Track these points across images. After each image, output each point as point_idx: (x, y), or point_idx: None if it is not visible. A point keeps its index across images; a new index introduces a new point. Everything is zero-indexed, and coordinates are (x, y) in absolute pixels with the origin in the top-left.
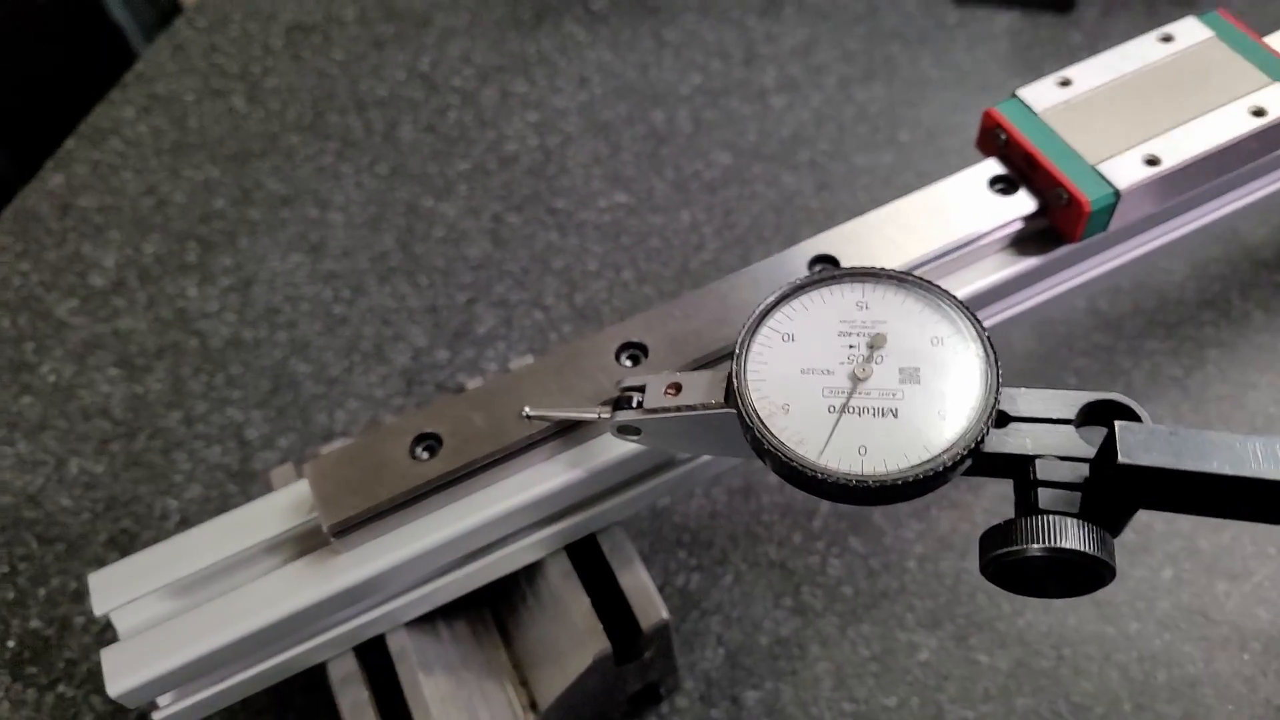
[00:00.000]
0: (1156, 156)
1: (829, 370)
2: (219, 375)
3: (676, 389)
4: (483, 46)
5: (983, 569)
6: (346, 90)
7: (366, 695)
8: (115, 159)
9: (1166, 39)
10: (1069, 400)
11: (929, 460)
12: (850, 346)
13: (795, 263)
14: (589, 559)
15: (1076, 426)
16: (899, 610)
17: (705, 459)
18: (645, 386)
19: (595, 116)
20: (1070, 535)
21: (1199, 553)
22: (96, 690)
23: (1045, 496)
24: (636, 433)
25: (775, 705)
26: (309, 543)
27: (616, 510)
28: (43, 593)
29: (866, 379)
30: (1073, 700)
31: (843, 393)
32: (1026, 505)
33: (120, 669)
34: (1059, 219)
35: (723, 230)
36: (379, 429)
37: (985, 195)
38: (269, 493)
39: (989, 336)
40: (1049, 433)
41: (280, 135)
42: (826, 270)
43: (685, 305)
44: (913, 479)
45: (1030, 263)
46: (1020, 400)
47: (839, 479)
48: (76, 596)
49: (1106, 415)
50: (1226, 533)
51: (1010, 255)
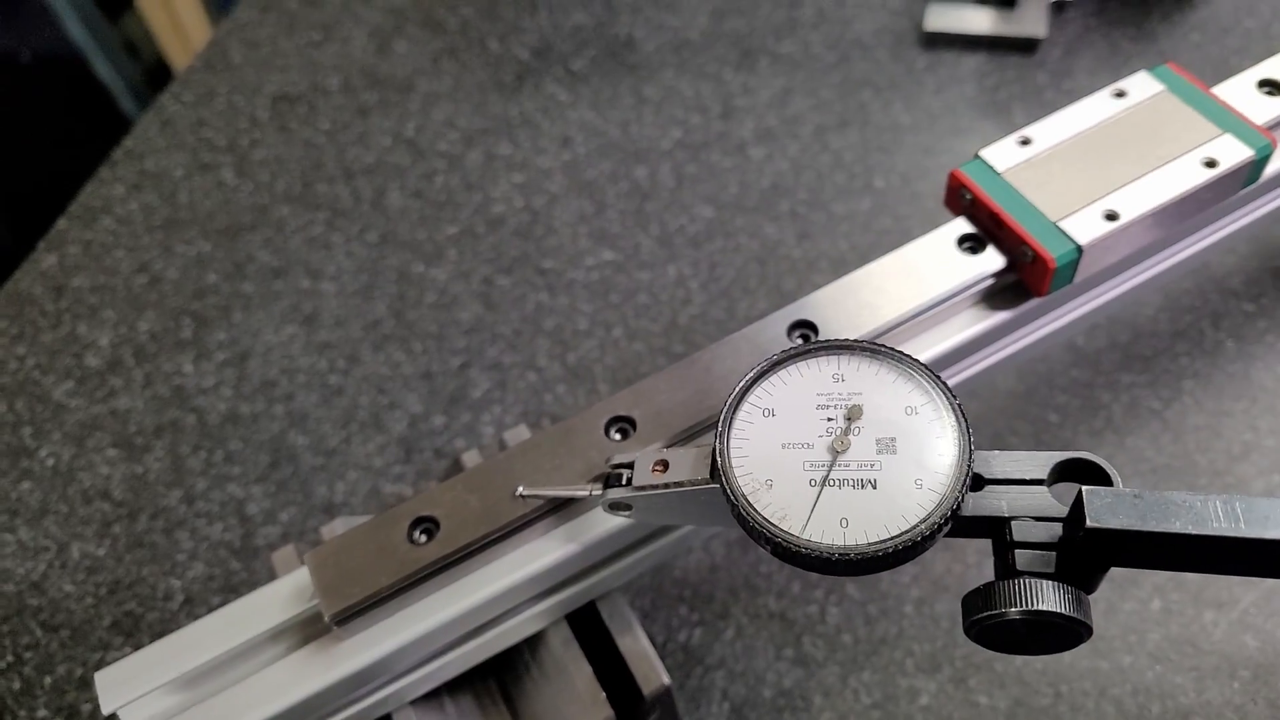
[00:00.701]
0: (1115, 211)
1: (809, 444)
2: (218, 451)
3: (664, 466)
4: (466, 110)
5: (966, 630)
6: (334, 159)
7: None
8: (107, 238)
9: (1120, 94)
10: (1040, 461)
11: (908, 530)
12: (829, 419)
13: (775, 329)
14: (590, 625)
15: (1049, 485)
16: (898, 656)
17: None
18: (634, 464)
19: (579, 175)
20: (1047, 598)
21: (1185, 583)
22: None
23: (1022, 558)
24: (627, 509)
25: None
26: (311, 630)
27: (614, 578)
28: (49, 681)
29: (845, 451)
30: None
31: (823, 466)
32: (1005, 567)
33: None
34: (1026, 275)
35: (708, 284)
36: (377, 517)
37: (954, 254)
38: (272, 579)
39: (960, 404)
40: (1023, 494)
41: (270, 207)
42: (801, 345)
43: (670, 378)
44: (893, 550)
45: (1001, 317)
46: (994, 462)
47: (822, 553)
48: (83, 684)
49: (1077, 473)
50: None
51: (982, 310)
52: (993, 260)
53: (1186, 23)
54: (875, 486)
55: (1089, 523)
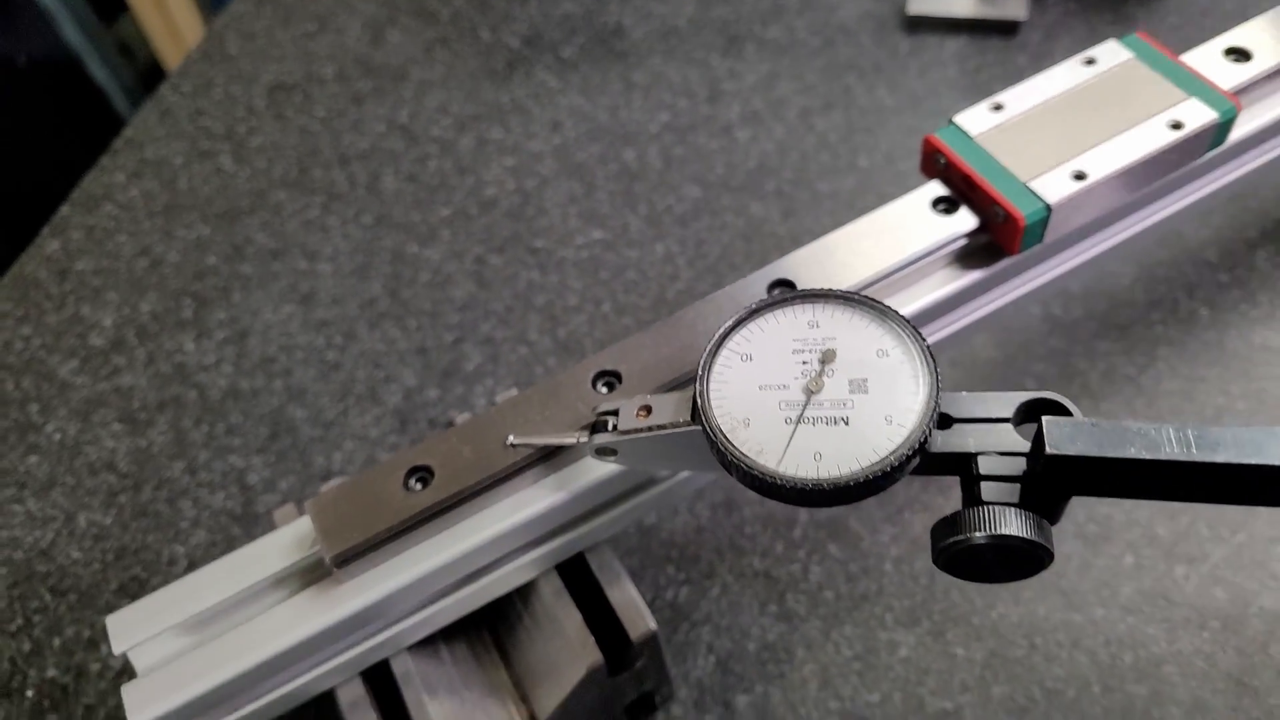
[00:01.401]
0: (1083, 172)
1: (785, 385)
2: (219, 425)
3: (647, 411)
4: (459, 97)
5: (934, 558)
6: (329, 145)
7: (375, 718)
8: (109, 223)
9: (1090, 61)
10: (1006, 400)
11: (879, 462)
12: (804, 363)
13: (756, 288)
14: (580, 577)
15: (1015, 425)
16: (878, 611)
17: (683, 477)
18: (619, 410)
19: (569, 158)
20: (1010, 523)
21: (1158, 539)
22: None
23: (988, 489)
24: (613, 453)
25: (765, 708)
26: (313, 575)
27: (603, 528)
28: (58, 642)
29: (819, 392)
30: (1046, 686)
31: (798, 405)
32: (971, 497)
33: (141, 704)
34: (998, 234)
35: (695, 260)
36: (374, 467)
37: (929, 215)
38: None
39: (929, 346)
40: (989, 431)
41: (268, 192)
42: (779, 294)
43: (655, 334)
44: (864, 480)
45: (975, 275)
46: (962, 403)
47: (797, 484)
48: (91, 645)
49: (1041, 412)
50: (1183, 519)
51: (956, 270)
52: (966, 220)
53: (1164, 6)
54: (848, 424)
55: (1048, 450)
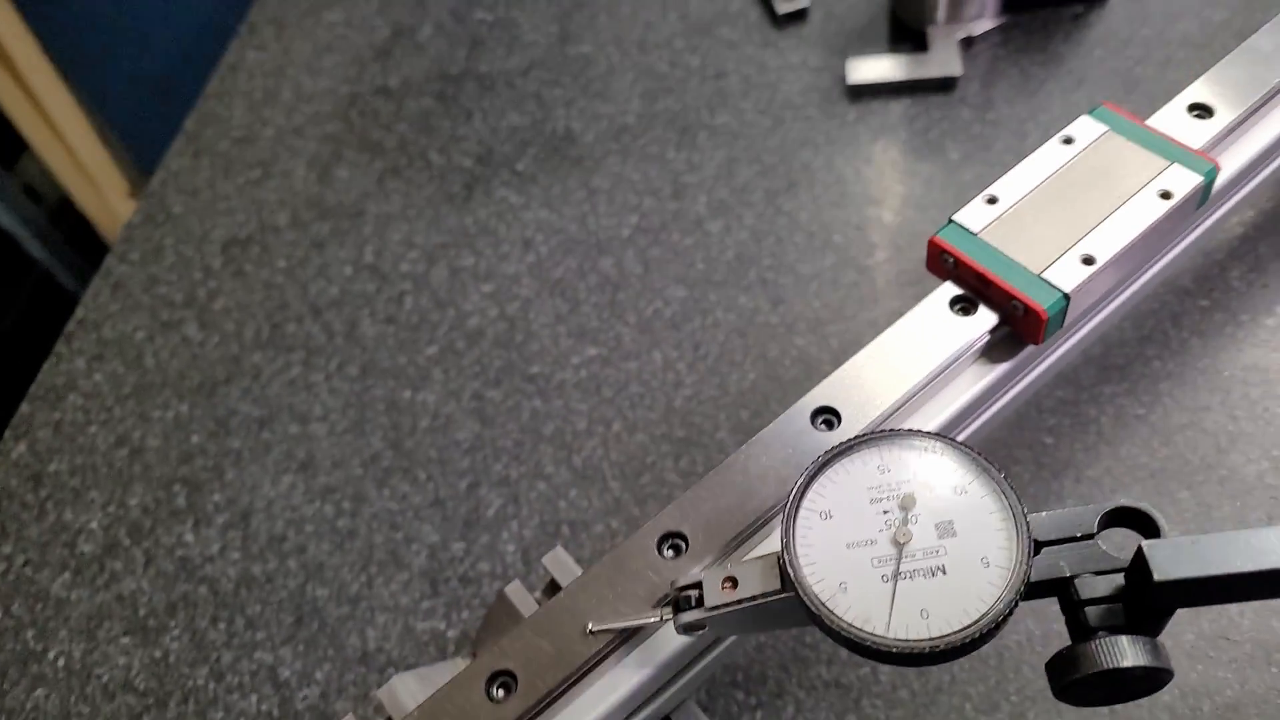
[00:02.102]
0: (1091, 255)
1: (872, 540)
2: (237, 619)
3: (733, 583)
4: (421, 227)
5: (1056, 695)
6: (297, 297)
7: None
8: (78, 415)
9: (1068, 140)
10: (1087, 515)
11: (989, 610)
12: (884, 512)
13: (799, 422)
14: None
15: (1096, 533)
16: (956, 701)
17: None
18: (702, 583)
19: (547, 275)
20: (1128, 654)
21: None
22: None
23: (1094, 615)
24: (701, 628)
25: None
26: None
27: (686, 688)
28: None
29: (908, 542)
30: None
31: (891, 560)
32: (1079, 626)
33: None
34: (1019, 326)
35: (696, 363)
36: (452, 681)
37: (949, 318)
38: None
39: (1006, 475)
40: (1076, 550)
41: (241, 356)
42: (840, 444)
43: (710, 485)
44: (979, 634)
45: (1002, 368)
46: (1044, 525)
47: (911, 648)
48: None
49: (1121, 519)
50: None
51: (983, 365)
52: (986, 319)
53: (1087, 40)
54: (945, 572)
55: (1156, 577)
